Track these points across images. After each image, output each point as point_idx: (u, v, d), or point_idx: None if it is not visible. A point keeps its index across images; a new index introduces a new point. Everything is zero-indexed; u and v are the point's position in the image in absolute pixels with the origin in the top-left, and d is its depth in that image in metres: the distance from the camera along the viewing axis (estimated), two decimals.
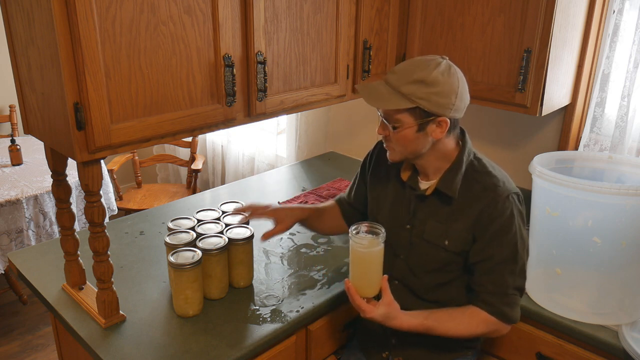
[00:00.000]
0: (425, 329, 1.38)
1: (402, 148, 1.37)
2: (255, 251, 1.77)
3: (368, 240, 1.35)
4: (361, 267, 1.37)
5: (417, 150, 1.37)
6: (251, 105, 1.54)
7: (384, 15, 1.90)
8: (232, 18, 1.42)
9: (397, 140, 1.36)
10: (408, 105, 1.29)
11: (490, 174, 1.40)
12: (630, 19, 1.87)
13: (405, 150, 1.38)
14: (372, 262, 1.36)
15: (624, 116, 1.88)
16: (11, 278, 3.06)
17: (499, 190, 1.36)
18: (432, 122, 1.32)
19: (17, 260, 1.75)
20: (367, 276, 1.37)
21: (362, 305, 1.35)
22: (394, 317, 1.36)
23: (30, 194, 2.60)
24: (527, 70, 1.70)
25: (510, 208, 1.35)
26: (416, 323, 1.37)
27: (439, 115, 1.31)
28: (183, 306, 1.48)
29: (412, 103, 1.29)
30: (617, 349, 1.42)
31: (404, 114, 1.31)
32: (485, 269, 1.38)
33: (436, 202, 1.42)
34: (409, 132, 1.33)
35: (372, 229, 1.38)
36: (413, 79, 1.29)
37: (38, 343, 2.81)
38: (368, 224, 1.39)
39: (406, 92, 1.29)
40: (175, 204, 2.23)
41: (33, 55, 1.24)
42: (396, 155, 1.41)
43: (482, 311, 1.38)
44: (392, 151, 1.41)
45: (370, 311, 1.34)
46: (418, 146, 1.36)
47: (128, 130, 1.26)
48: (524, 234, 1.39)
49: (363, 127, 2.76)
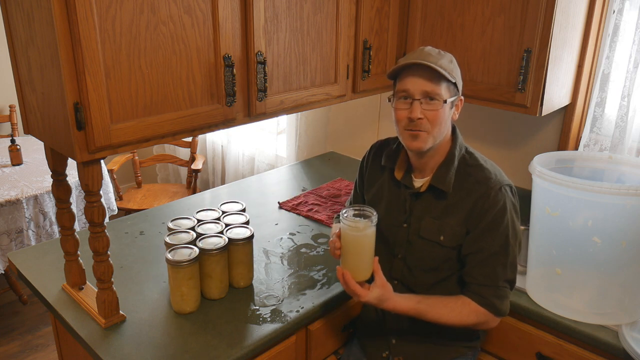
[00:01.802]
0: (417, 313, 1.39)
1: (437, 129, 1.34)
2: (255, 251, 1.77)
3: (362, 223, 1.34)
4: (354, 251, 1.37)
5: (444, 133, 1.38)
6: (251, 105, 1.54)
7: (384, 15, 1.90)
8: (232, 18, 1.42)
9: (435, 118, 1.32)
10: (451, 79, 1.32)
11: (482, 167, 1.41)
12: (630, 19, 1.87)
13: (439, 132, 1.35)
14: (366, 245, 1.36)
15: (624, 116, 1.88)
16: (11, 278, 3.06)
17: (491, 183, 1.37)
18: (458, 101, 1.38)
19: (17, 260, 1.75)
20: (360, 260, 1.37)
21: (357, 289, 1.35)
22: (387, 298, 1.37)
23: (30, 194, 2.60)
24: (527, 70, 1.70)
25: (503, 200, 1.36)
26: (409, 306, 1.38)
27: (460, 95, 1.37)
28: (179, 303, 1.49)
29: (452, 78, 1.32)
30: (617, 349, 1.42)
31: (447, 87, 1.33)
32: (477, 260, 1.39)
33: (431, 198, 1.43)
34: (446, 107, 1.34)
35: (362, 211, 1.37)
36: (447, 58, 1.33)
37: (38, 343, 2.81)
38: (358, 207, 1.38)
39: (447, 68, 1.32)
40: (175, 204, 2.23)
41: (33, 55, 1.24)
42: (429, 141, 1.35)
43: (473, 302, 1.39)
44: (424, 136, 1.34)
45: (365, 295, 1.35)
46: (447, 128, 1.38)
47: (128, 130, 1.26)
48: (516, 226, 1.39)
49: (363, 127, 2.76)
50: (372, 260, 1.37)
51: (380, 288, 1.36)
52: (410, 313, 1.39)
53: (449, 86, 1.33)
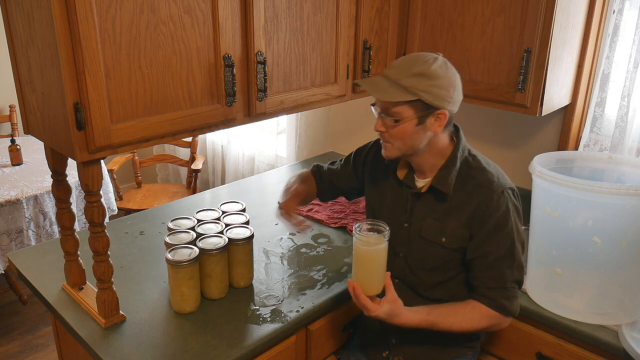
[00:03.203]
0: (428, 325, 1.38)
1: (400, 143, 1.36)
2: (255, 251, 1.77)
3: (374, 238, 1.34)
4: (366, 266, 1.36)
5: (415, 146, 1.37)
6: (251, 105, 1.54)
7: (384, 15, 1.90)
8: (232, 18, 1.42)
9: (396, 134, 1.35)
10: (409, 97, 1.29)
11: (485, 169, 1.40)
12: (630, 19, 1.87)
13: (404, 146, 1.37)
14: (377, 260, 1.35)
15: (624, 116, 1.88)
16: (11, 278, 3.06)
17: (493, 186, 1.37)
18: (432, 116, 1.33)
19: (17, 260, 1.75)
20: (372, 274, 1.36)
21: (368, 304, 1.34)
22: (397, 314, 1.36)
23: (30, 194, 2.60)
24: (527, 70, 1.70)
25: (506, 203, 1.36)
26: (419, 319, 1.37)
27: (438, 108, 1.32)
28: (179, 303, 1.49)
29: (413, 95, 1.29)
30: (617, 349, 1.42)
31: (404, 107, 1.31)
32: (483, 265, 1.38)
33: (432, 199, 1.43)
34: (408, 125, 1.33)
35: (375, 226, 1.37)
36: (413, 73, 1.30)
37: (38, 343, 2.81)
38: (371, 221, 1.38)
39: (407, 84, 1.29)
40: (175, 204, 2.23)
41: (33, 55, 1.24)
42: (393, 152, 1.39)
43: (483, 305, 1.38)
44: (389, 147, 1.39)
45: (375, 309, 1.34)
46: (416, 141, 1.36)
47: (128, 130, 1.26)
48: (519, 228, 1.39)
49: (363, 127, 2.76)
50: (384, 274, 1.36)
51: (390, 303, 1.35)
52: (421, 326, 1.38)
53: (413, 104, 1.31)
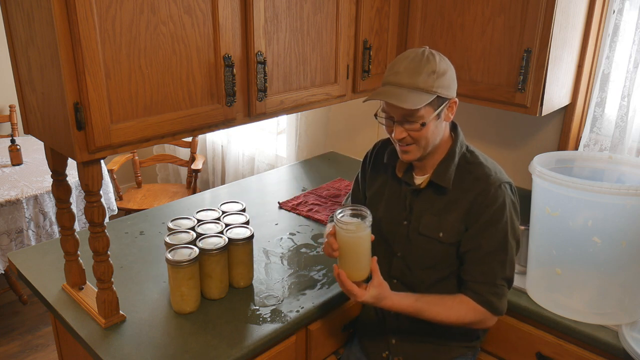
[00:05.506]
0: (415, 311, 1.38)
1: (425, 142, 1.36)
2: (255, 251, 1.77)
3: (355, 224, 1.33)
4: (350, 252, 1.36)
5: (437, 140, 1.39)
6: (251, 105, 1.54)
7: (384, 15, 1.90)
8: (232, 18, 1.42)
9: (424, 136, 1.35)
10: (431, 98, 1.31)
11: (482, 164, 1.41)
12: (630, 19, 1.87)
13: (429, 144, 1.37)
14: (361, 246, 1.35)
15: (624, 116, 1.88)
16: (11, 278, 3.06)
17: (490, 180, 1.38)
18: (446, 107, 1.36)
19: (17, 260, 1.75)
20: (356, 260, 1.36)
21: (353, 289, 1.34)
22: (384, 297, 1.36)
23: (30, 194, 2.60)
24: (527, 70, 1.70)
25: (502, 197, 1.36)
26: (407, 304, 1.38)
27: (450, 98, 1.35)
28: (179, 303, 1.49)
29: (432, 95, 1.31)
30: (617, 349, 1.42)
31: (426, 108, 1.32)
32: (475, 258, 1.39)
33: (431, 194, 1.43)
34: (432, 124, 1.34)
35: (357, 212, 1.35)
36: (426, 73, 1.31)
37: (38, 343, 2.81)
38: (352, 206, 1.37)
39: (424, 86, 1.30)
40: (175, 204, 2.23)
41: (33, 55, 1.24)
42: (417, 153, 1.38)
43: (471, 300, 1.39)
44: (414, 150, 1.38)
45: (362, 295, 1.35)
46: (438, 135, 1.38)
47: (128, 130, 1.26)
48: (515, 224, 1.40)
49: (363, 127, 2.76)
50: (369, 260, 1.37)
51: (376, 287, 1.35)
52: (408, 311, 1.39)
53: (432, 103, 1.31)
